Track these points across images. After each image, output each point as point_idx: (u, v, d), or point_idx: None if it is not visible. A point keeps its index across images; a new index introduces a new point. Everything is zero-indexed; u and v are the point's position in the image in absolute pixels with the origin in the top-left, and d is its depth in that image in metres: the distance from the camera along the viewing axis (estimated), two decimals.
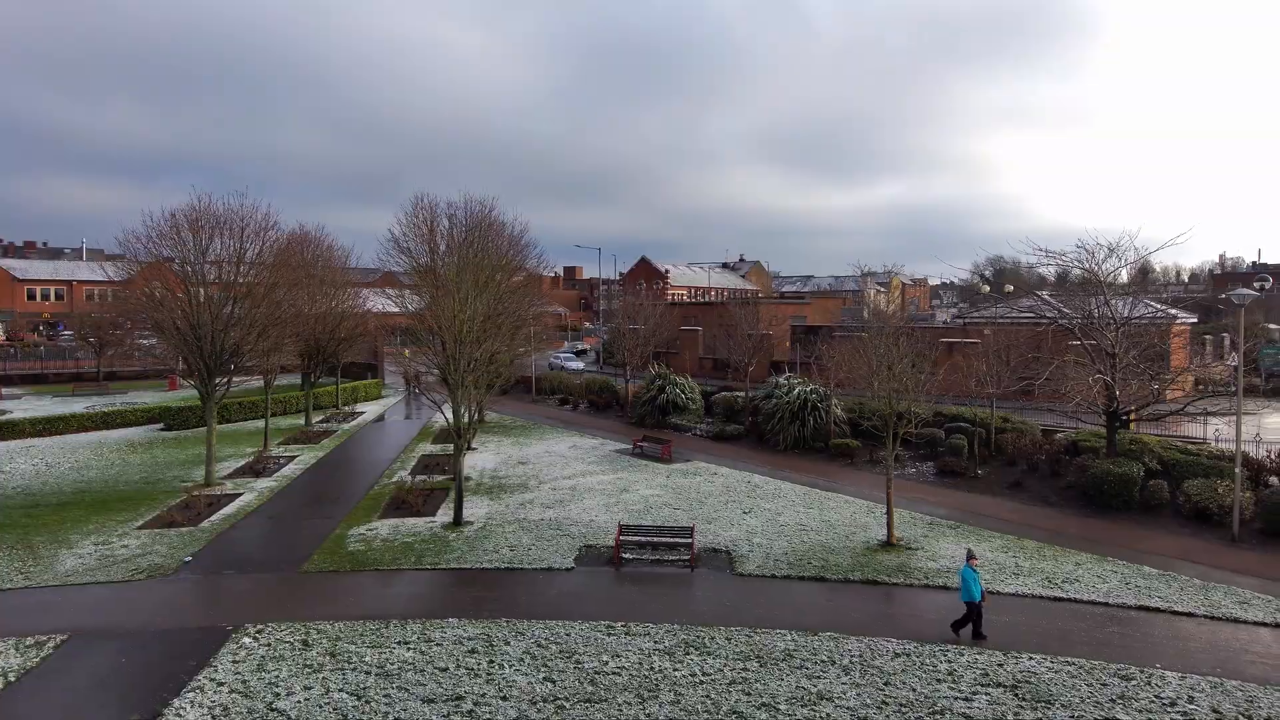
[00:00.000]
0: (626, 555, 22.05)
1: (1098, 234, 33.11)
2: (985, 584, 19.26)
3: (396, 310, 38.49)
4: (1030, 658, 15.39)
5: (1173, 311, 42.32)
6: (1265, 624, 17.07)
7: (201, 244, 30.96)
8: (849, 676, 14.70)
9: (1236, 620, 17.28)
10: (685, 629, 16.98)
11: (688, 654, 15.76)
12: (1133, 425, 36.73)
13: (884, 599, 19.02)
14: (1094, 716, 13.11)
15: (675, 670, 15.01)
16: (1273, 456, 26.24)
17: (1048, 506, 26.66)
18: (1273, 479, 25.13)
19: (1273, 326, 62.94)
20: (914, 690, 14.13)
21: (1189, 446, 28.05)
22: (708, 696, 13.97)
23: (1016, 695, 13.86)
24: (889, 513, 23.14)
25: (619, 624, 17.22)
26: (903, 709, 13.45)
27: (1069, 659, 15.30)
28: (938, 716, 13.20)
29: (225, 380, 31.84)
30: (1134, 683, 14.27)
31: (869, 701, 13.72)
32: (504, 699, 13.97)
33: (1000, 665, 15.06)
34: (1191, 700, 13.60)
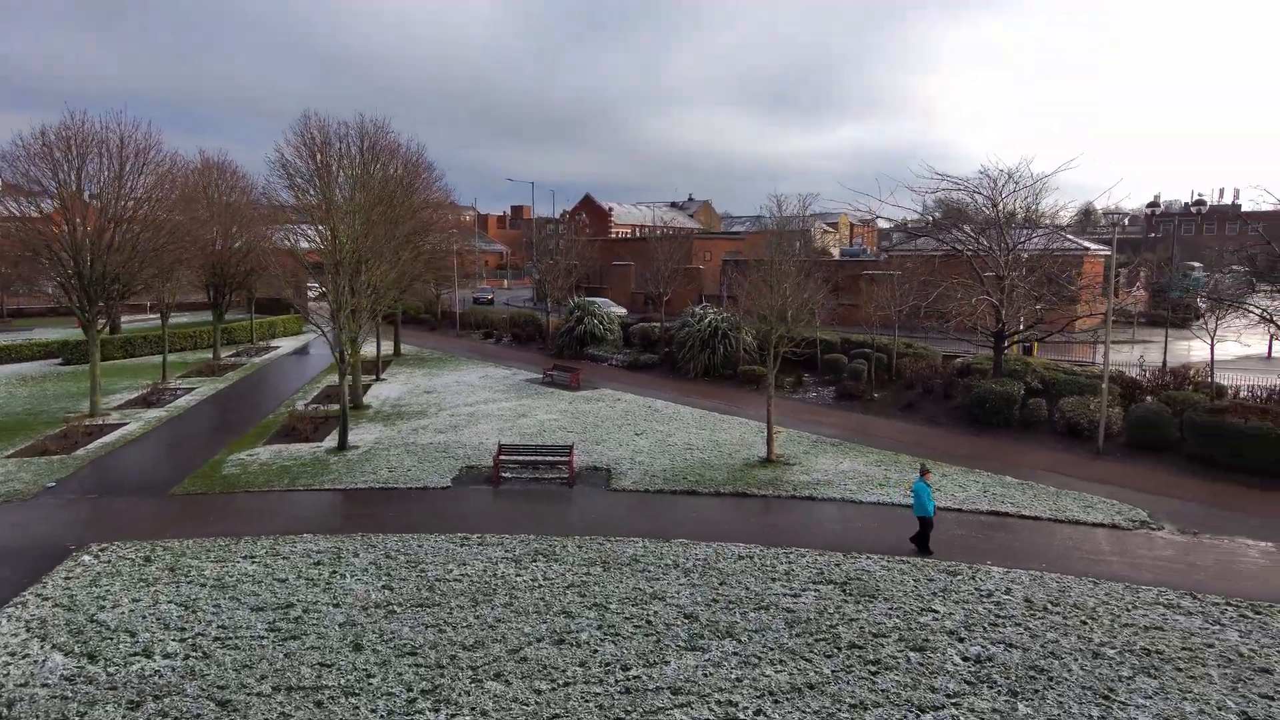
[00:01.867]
0: (506, 475, 21.97)
1: (999, 162, 33.32)
2: (850, 495, 19.67)
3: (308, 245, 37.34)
4: (868, 557, 15.75)
5: (1085, 244, 43.06)
6: (1103, 525, 17.71)
7: (75, 164, 29.32)
8: (688, 578, 14.87)
9: (1078, 522, 17.88)
10: (540, 539, 17.00)
11: (535, 561, 15.79)
12: (1036, 351, 37.68)
13: (748, 509, 19.26)
14: (912, 607, 13.47)
15: (518, 576, 15.03)
16: (1148, 376, 27.05)
17: (935, 426, 27.21)
18: (1147, 397, 25.91)
19: (1193, 264, 64.72)
20: (747, 589, 14.35)
21: (1074, 368, 28.76)
22: (541, 599, 14.02)
23: (844, 591, 14.17)
24: (769, 431, 23.38)
25: (474, 536, 17.16)
26: (730, 605, 13.66)
27: (905, 558, 15.70)
28: (761, 611, 13.44)
29: (109, 308, 30.56)
30: (959, 578, 14.69)
31: (700, 599, 13.91)
32: (335, 606, 13.85)
33: (838, 565, 15.37)
34: (1008, 591, 14.06)
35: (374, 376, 37.54)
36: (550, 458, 22.07)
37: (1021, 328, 27.94)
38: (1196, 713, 10.37)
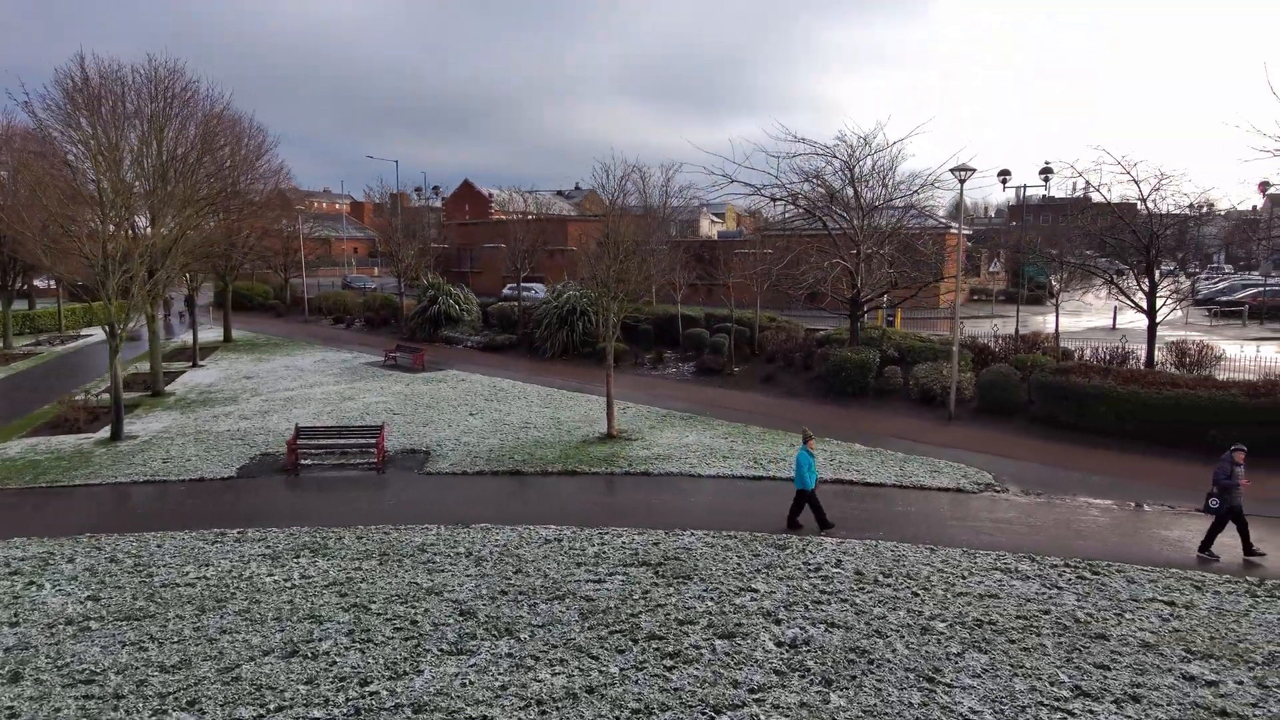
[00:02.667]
0: (306, 462, 19.06)
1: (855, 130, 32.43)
2: (689, 469, 17.89)
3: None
4: (693, 534, 13.93)
5: (945, 220, 43.36)
6: (947, 489, 16.60)
7: None
8: (479, 568, 12.61)
9: (922, 487, 16.72)
10: (315, 531, 14.35)
11: (298, 558, 13.14)
12: (899, 323, 37.36)
13: (574, 488, 17.18)
14: (730, 588, 11.68)
15: (269, 576, 12.35)
16: (999, 342, 26.75)
17: (791, 397, 26.00)
18: (1000, 364, 25.49)
19: (1054, 251, 67.54)
20: (546, 576, 12.23)
21: (931, 337, 28.22)
22: (289, 603, 11.42)
23: (657, 573, 12.26)
24: (609, 406, 21.41)
25: (234, 531, 14.32)
26: (520, 596, 11.49)
27: (733, 533, 13.97)
28: (555, 601, 11.34)
29: None
30: (788, 552, 13.05)
31: (485, 592, 11.67)
32: (12, 625, 10.81)
33: (657, 544, 13.47)
34: (839, 564, 12.50)
35: (190, 363, 33.34)
36: (356, 441, 19.31)
37: (877, 295, 27.06)
38: (1027, 690, 8.94)
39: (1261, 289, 44.60)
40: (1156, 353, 24.88)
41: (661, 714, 8.57)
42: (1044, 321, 36.59)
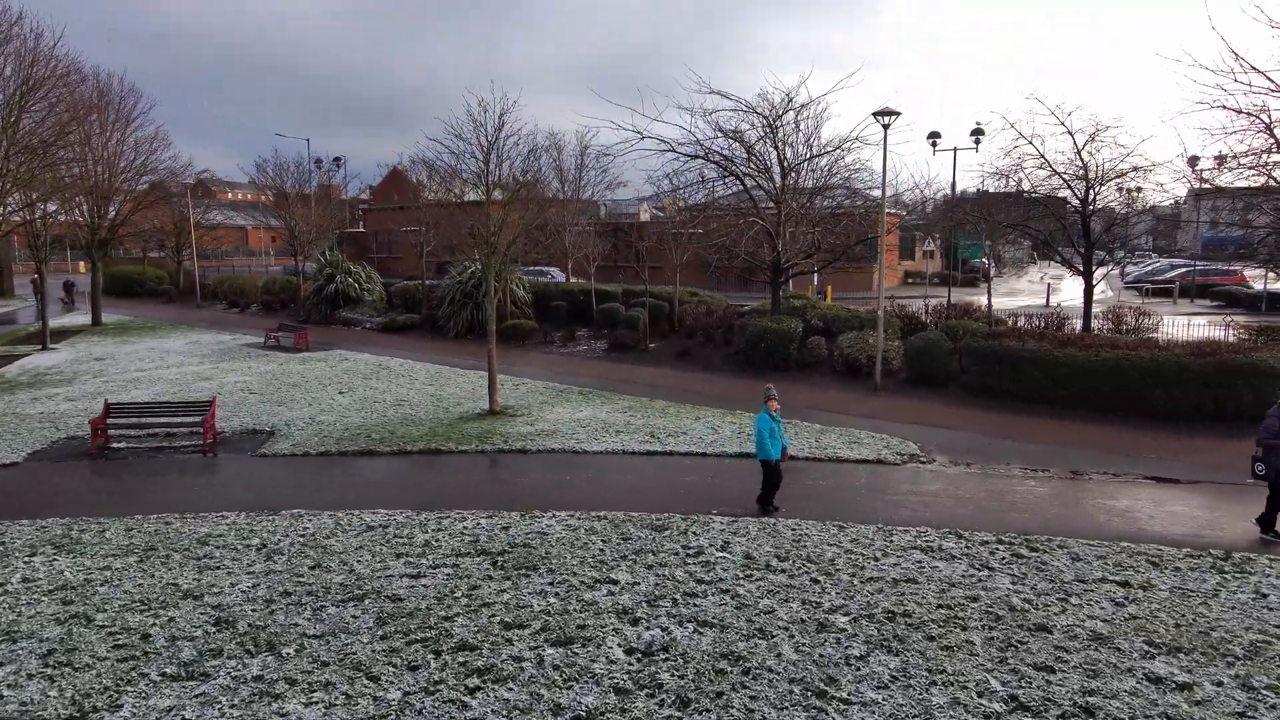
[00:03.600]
0: (118, 444, 15.94)
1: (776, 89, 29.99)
2: (576, 445, 15.34)
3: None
4: (554, 516, 11.38)
5: (876, 195, 41.74)
6: (867, 460, 14.38)
7: None
8: (268, 563, 9.84)
9: (839, 459, 14.46)
10: (70, 523, 11.38)
11: (32, 555, 10.16)
12: (830, 298, 35.45)
13: (432, 468, 14.48)
14: (584, 579, 9.16)
15: None
16: (930, 311, 24.97)
17: (708, 372, 23.66)
18: (929, 331, 23.62)
19: (989, 244, 67.39)
20: (351, 570, 9.53)
21: (859, 308, 26.24)
22: None
23: (496, 564, 9.66)
24: (491, 379, 18.73)
25: None
26: (307, 598, 8.78)
27: (606, 513, 11.45)
28: (351, 603, 8.66)
29: None
30: (666, 534, 10.59)
31: (263, 594, 8.92)
32: None
33: (506, 529, 10.87)
34: (725, 547, 10.09)
35: (39, 346, 29.43)
36: (181, 420, 16.24)
37: (802, 259, 24.90)
38: (948, 704, 6.62)
39: (1189, 269, 44.45)
40: (1094, 321, 23.37)
41: None
42: (978, 301, 35.14)
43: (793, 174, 24.74)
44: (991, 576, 9.14)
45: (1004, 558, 9.67)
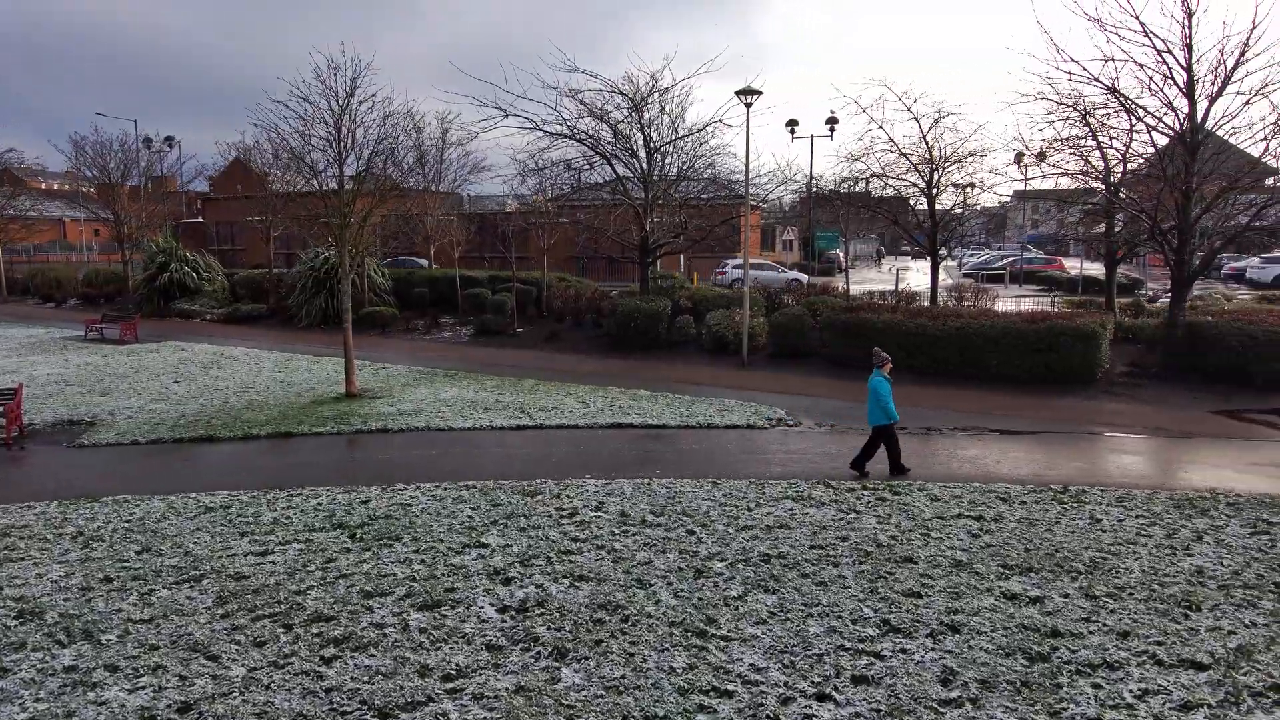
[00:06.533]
0: None
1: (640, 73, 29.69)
2: (441, 423, 14.65)
3: None
4: (419, 487, 10.75)
5: (740, 178, 42.87)
6: (737, 426, 14.56)
7: None
8: (85, 550, 8.67)
9: (710, 426, 14.56)
10: None
11: None
12: (696, 282, 35.96)
13: (283, 451, 13.39)
14: (452, 545, 8.64)
15: None
16: (792, 291, 25.82)
17: (578, 353, 23.37)
18: (791, 307, 24.41)
19: (858, 244, 71.23)
20: (187, 552, 8.56)
21: (726, 291, 26.79)
22: None
23: (355, 537, 8.97)
24: (347, 360, 17.65)
25: None
26: (134, 583, 7.78)
27: (473, 482, 10.94)
28: (188, 585, 7.75)
29: None
30: (539, 498, 10.23)
31: (75, 582, 7.82)
32: None
33: (366, 503, 10.14)
34: (600, 506, 9.84)
35: None
36: None
37: (670, 239, 25.07)
38: (824, 633, 6.66)
39: (1016, 259, 48.64)
40: (939, 298, 24.92)
41: None
42: (837, 284, 36.75)
43: (659, 156, 24.89)
44: (859, 518, 9.38)
45: (869, 501, 9.98)
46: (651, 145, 24.55)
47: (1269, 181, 19.96)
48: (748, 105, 20.31)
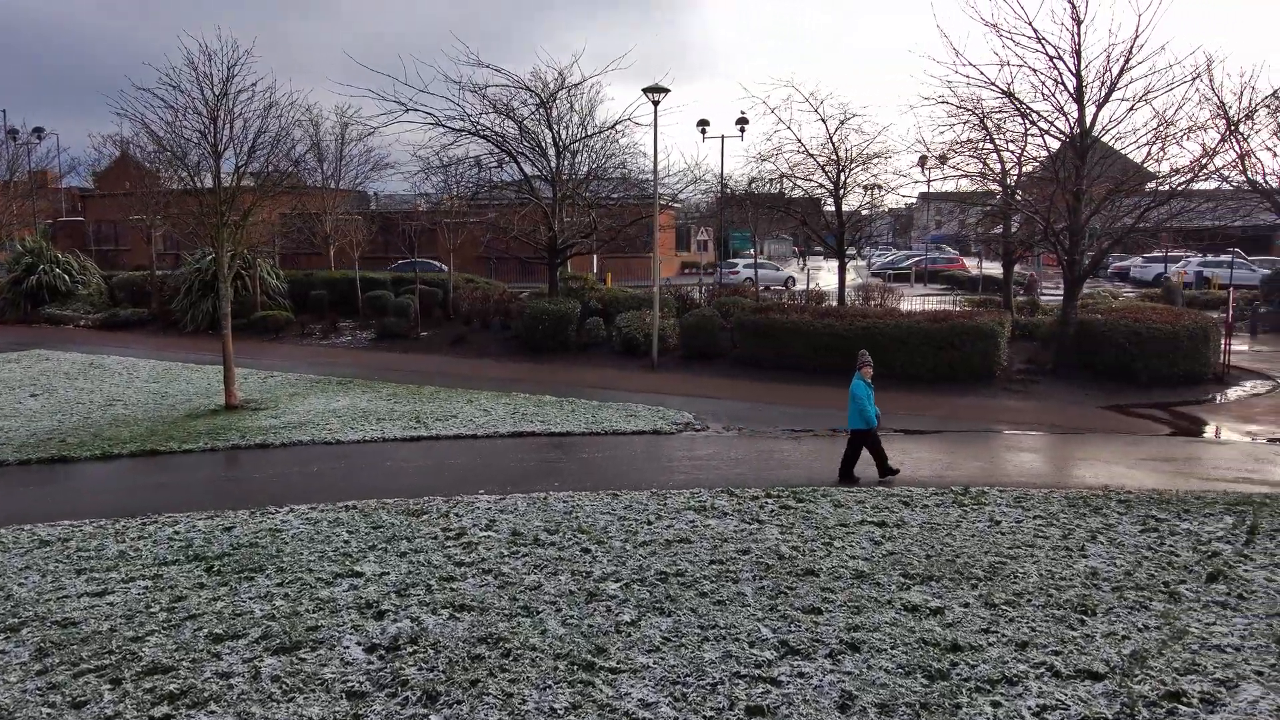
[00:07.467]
0: None
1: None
2: (329, 436, 13.70)
3: None
4: (293, 509, 9.87)
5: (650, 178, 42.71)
6: (643, 432, 14.14)
7: None
8: None
9: (616, 433, 14.10)
10: None
11: None
12: (610, 283, 35.51)
13: (144, 470, 12.22)
14: (322, 575, 7.84)
15: None
16: (703, 291, 25.68)
17: (485, 357, 22.58)
18: (702, 308, 24.22)
19: (771, 244, 72.25)
20: (9, 595, 7.48)
21: (636, 290, 26.41)
22: None
23: (212, 570, 8.07)
24: (227, 371, 16.45)
25: None
26: None
27: (356, 503, 10.12)
28: (7, 635, 6.75)
29: None
30: (425, 518, 9.52)
31: None
32: None
33: (230, 529, 9.22)
34: (491, 525, 9.20)
35: None
36: None
37: (579, 239, 24.52)
38: (720, 659, 6.24)
39: (921, 259, 50.21)
40: (847, 298, 25.21)
41: None
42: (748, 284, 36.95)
43: (568, 154, 24.30)
44: (762, 529, 9.05)
45: (773, 509, 9.67)
46: (560, 143, 23.95)
47: (1151, 185, 20.89)
48: (655, 103, 19.96)
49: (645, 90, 19.88)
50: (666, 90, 19.77)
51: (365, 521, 9.35)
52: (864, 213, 27.35)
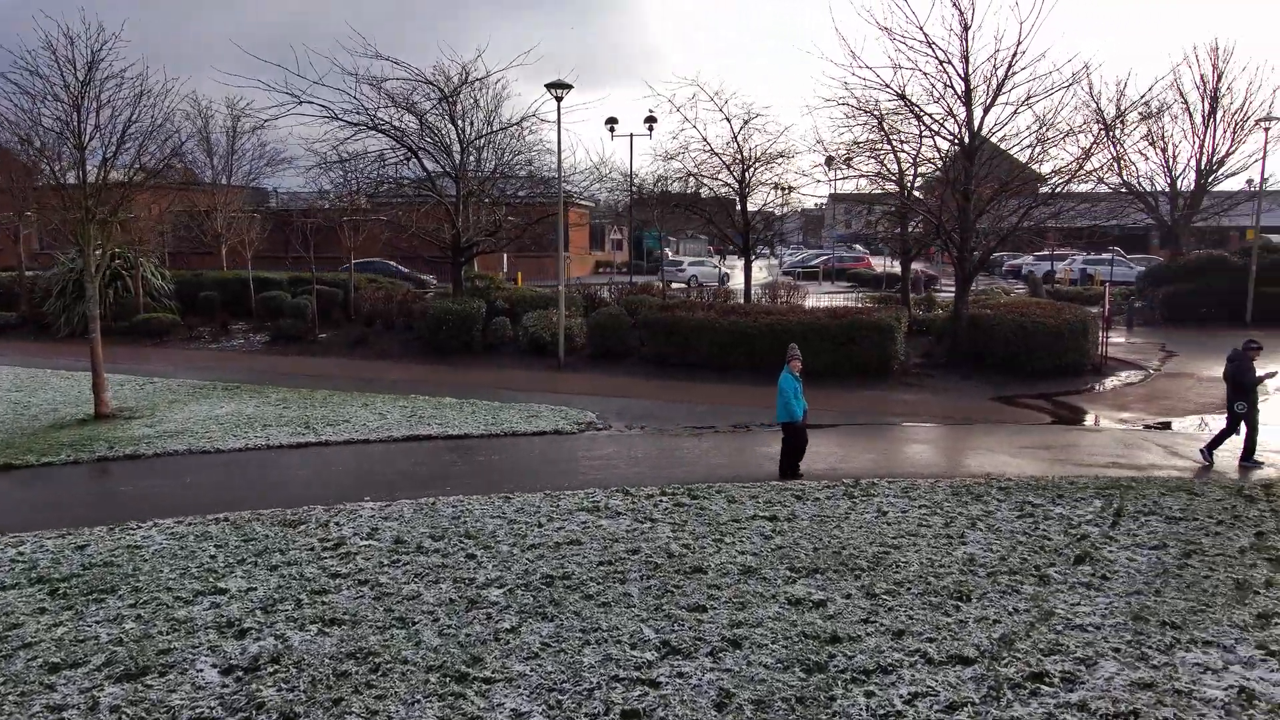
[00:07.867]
0: None
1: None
2: (207, 444, 12.91)
3: None
4: (156, 524, 9.21)
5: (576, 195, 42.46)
6: (544, 433, 13.89)
7: None
8: None
9: (515, 434, 13.80)
10: None
11: None
12: (520, 284, 35.01)
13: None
14: (180, 595, 7.31)
15: None
16: (613, 291, 25.57)
17: (386, 359, 21.86)
18: (609, 307, 24.10)
19: (686, 243, 72.67)
20: None
21: (543, 290, 26.09)
22: None
23: (57, 593, 7.40)
24: (96, 379, 15.37)
25: None
26: None
27: (229, 514, 9.53)
28: None
29: None
30: (302, 528, 9.03)
31: None
32: None
33: (83, 548, 8.49)
34: (373, 534, 8.81)
35: None
36: None
37: (483, 237, 24.01)
38: (599, 663, 6.07)
39: (829, 257, 51.52)
40: (754, 295, 25.54)
41: None
42: (657, 282, 37.07)
43: (473, 150, 23.77)
44: (654, 527, 8.96)
45: (667, 508, 9.59)
46: (465, 139, 23.41)
47: (1035, 185, 21.90)
48: (559, 99, 19.71)
49: (548, 86, 19.60)
50: (569, 86, 19.56)
51: (236, 535, 8.79)
52: (775, 212, 27.81)
